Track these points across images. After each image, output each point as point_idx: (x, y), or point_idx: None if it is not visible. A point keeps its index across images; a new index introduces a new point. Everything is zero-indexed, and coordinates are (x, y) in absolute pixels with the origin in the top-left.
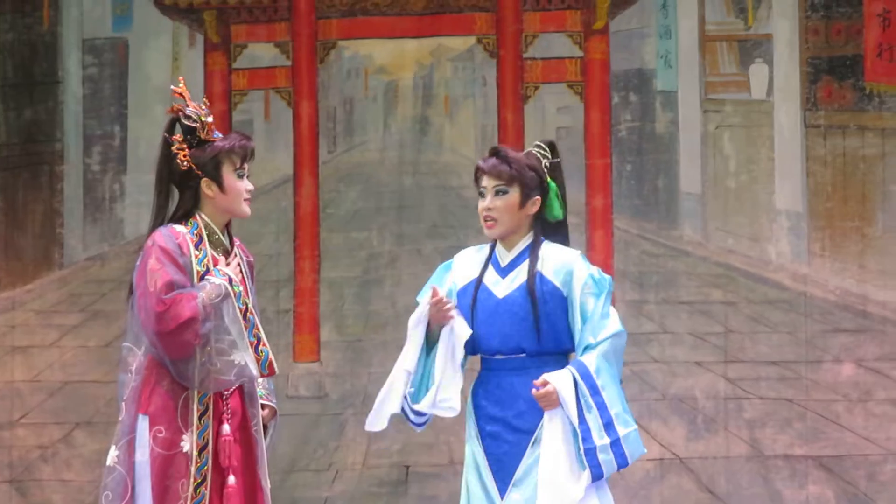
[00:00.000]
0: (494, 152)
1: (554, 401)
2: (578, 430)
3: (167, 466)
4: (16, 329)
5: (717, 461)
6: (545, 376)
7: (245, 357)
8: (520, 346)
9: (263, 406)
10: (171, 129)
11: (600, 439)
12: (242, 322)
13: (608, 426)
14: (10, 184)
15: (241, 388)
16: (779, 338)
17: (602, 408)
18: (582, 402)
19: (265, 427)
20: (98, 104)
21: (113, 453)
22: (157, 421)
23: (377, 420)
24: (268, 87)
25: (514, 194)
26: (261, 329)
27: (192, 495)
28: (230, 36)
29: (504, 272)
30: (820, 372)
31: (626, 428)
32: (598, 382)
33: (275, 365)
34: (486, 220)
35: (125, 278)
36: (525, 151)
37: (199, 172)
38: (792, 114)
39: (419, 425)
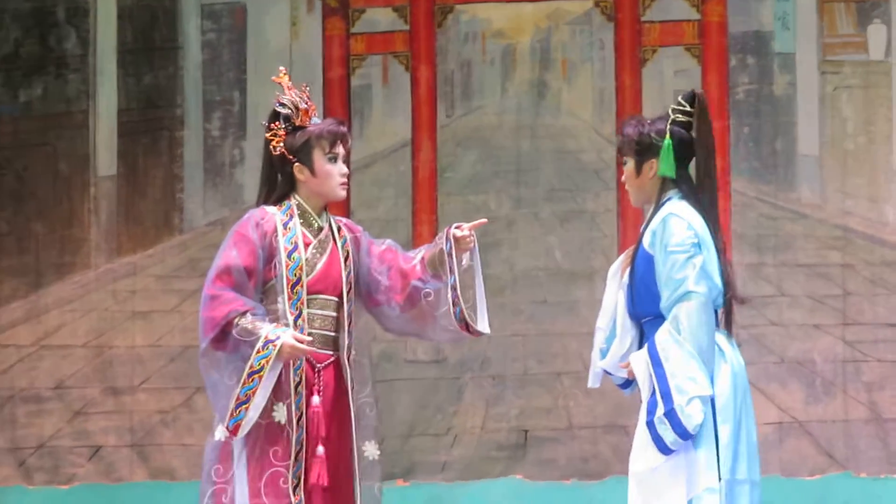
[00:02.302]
0: (621, 125)
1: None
2: (645, 405)
3: (260, 435)
4: (136, 294)
5: (835, 425)
6: (630, 356)
7: (225, 403)
8: (629, 310)
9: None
10: (272, 118)
11: (660, 411)
12: (245, 377)
13: (665, 396)
14: (130, 149)
15: (336, 363)
16: None
17: (662, 379)
18: (651, 376)
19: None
20: (217, 69)
21: (221, 428)
22: None
23: (590, 378)
24: (386, 51)
25: (630, 163)
26: (257, 395)
27: (293, 463)
28: (348, 0)
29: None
30: None
31: (681, 396)
32: (661, 354)
33: (240, 432)
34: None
35: None
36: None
37: (292, 157)
38: None
39: (622, 387)
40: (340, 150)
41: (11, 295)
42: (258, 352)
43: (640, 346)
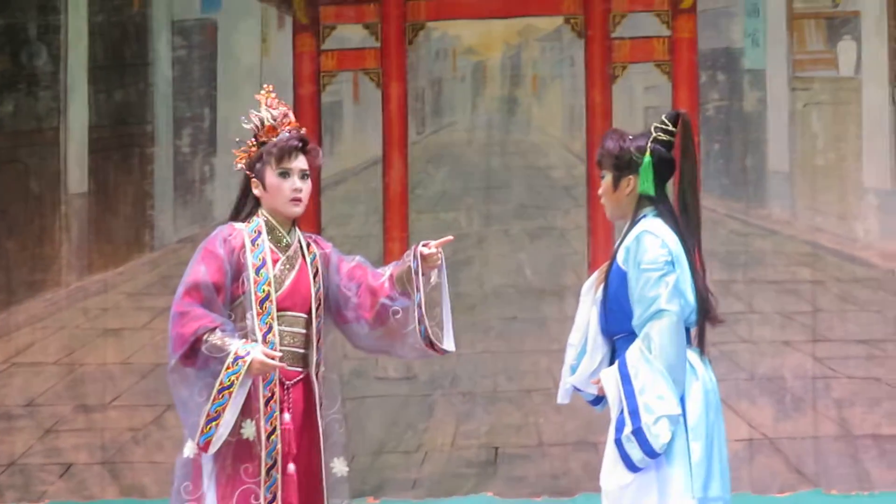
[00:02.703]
0: (602, 137)
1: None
2: (614, 422)
3: (229, 452)
4: (108, 311)
5: (805, 441)
6: (601, 372)
7: (194, 420)
8: (602, 327)
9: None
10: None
11: (627, 428)
12: (215, 393)
13: (633, 414)
14: (100, 166)
15: (305, 379)
16: (867, 316)
17: (630, 397)
18: (620, 393)
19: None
20: (188, 86)
21: (192, 445)
22: None
23: (560, 394)
24: (357, 68)
25: (608, 177)
26: (229, 410)
27: (265, 479)
28: (319, 17)
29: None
30: None
31: (649, 415)
32: (631, 372)
33: (212, 449)
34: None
35: None
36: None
37: (250, 173)
38: (880, 91)
39: (593, 403)
40: (294, 164)
41: None
42: (228, 368)
43: (612, 363)
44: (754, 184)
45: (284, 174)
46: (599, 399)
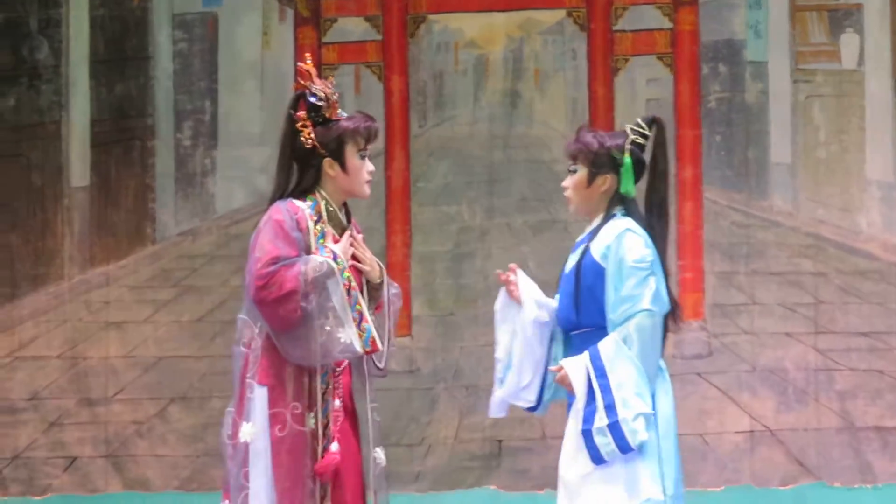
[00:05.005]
0: (576, 132)
1: (569, 384)
2: (581, 413)
3: (294, 443)
4: (110, 305)
5: (807, 433)
6: (562, 361)
7: (350, 334)
8: (569, 320)
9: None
10: (295, 106)
11: (600, 421)
12: (347, 298)
13: (609, 408)
14: (102, 160)
15: (351, 365)
16: (869, 308)
17: (606, 390)
18: (592, 385)
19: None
20: (189, 79)
21: (249, 430)
22: (283, 396)
23: (491, 408)
24: (358, 61)
25: (582, 173)
26: (364, 304)
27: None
28: (320, 10)
29: (575, 249)
30: None
31: (628, 411)
32: (607, 365)
33: (378, 342)
34: (566, 199)
35: (217, 253)
36: (621, 129)
37: (323, 151)
38: (883, 83)
39: (531, 410)
40: (370, 147)
41: None
42: (336, 272)
43: (567, 356)
44: (756, 175)
45: (364, 156)
46: (536, 406)
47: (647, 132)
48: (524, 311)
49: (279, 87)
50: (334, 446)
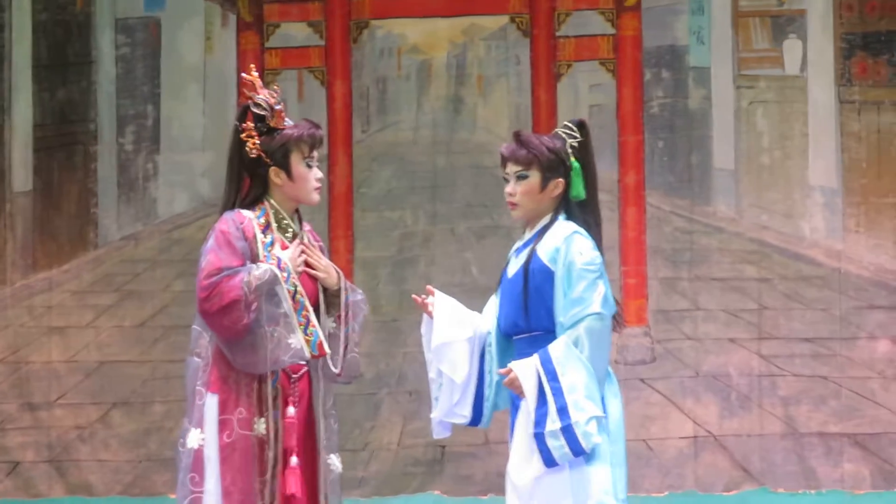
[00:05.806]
0: (515, 136)
1: (518, 387)
2: (532, 416)
3: (242, 448)
4: (52, 310)
5: (751, 439)
6: (511, 364)
7: (299, 339)
8: (516, 325)
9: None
10: (242, 117)
11: (552, 424)
12: (291, 303)
13: (561, 411)
14: (44, 164)
15: (308, 372)
16: (813, 314)
17: (558, 393)
18: (543, 387)
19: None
20: (131, 84)
21: (198, 436)
22: (232, 403)
23: (434, 430)
24: (301, 66)
25: (535, 178)
26: (310, 311)
27: (270, 478)
28: (263, 15)
29: (518, 253)
30: (855, 349)
31: (580, 414)
32: (558, 368)
33: (325, 345)
34: (510, 205)
35: (159, 258)
36: (552, 133)
37: (268, 160)
38: (826, 89)
39: (473, 423)
40: (316, 154)
41: None
42: (281, 279)
43: (503, 365)
44: (699, 181)
45: (310, 163)
46: (477, 419)
47: (577, 135)
48: (433, 335)
49: (222, 91)
50: (293, 460)
